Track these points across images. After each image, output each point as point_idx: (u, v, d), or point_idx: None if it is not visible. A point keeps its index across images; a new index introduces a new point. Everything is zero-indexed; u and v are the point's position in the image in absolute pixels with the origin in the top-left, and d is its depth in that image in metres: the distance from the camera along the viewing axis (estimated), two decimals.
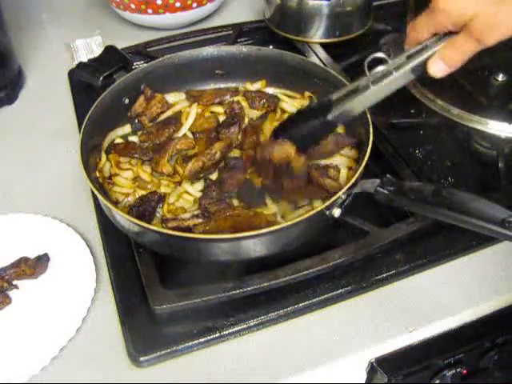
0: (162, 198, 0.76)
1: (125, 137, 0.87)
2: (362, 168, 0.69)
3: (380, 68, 0.67)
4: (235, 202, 0.75)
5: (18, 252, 0.74)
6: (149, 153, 0.82)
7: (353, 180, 0.68)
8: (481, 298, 0.70)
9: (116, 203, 0.75)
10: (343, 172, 0.78)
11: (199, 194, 0.76)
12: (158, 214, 0.74)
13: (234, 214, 0.71)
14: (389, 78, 0.66)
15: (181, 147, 0.82)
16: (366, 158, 0.70)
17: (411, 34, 0.67)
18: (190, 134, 0.87)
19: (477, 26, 0.61)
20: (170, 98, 0.92)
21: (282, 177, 0.73)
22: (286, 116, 0.87)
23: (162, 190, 0.77)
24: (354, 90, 0.69)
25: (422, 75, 0.66)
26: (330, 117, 0.69)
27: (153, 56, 1.04)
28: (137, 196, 0.76)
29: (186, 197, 0.76)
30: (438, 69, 0.65)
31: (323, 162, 0.79)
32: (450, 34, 0.64)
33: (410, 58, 0.66)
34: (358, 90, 0.68)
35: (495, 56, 0.97)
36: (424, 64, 0.65)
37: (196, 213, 0.74)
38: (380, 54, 0.67)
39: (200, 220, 0.71)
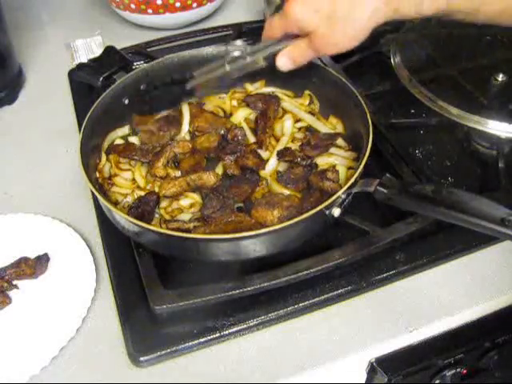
0: (159, 199, 0.75)
1: (125, 137, 0.87)
2: (361, 167, 0.69)
3: (237, 52, 0.79)
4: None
5: (18, 252, 0.74)
6: (148, 155, 0.81)
7: (352, 179, 0.68)
8: (481, 297, 0.70)
9: (115, 203, 0.75)
10: (342, 172, 0.78)
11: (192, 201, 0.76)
12: (156, 215, 0.74)
13: (236, 221, 0.71)
14: (242, 61, 0.79)
15: (178, 151, 0.82)
16: (365, 158, 0.70)
17: (267, 30, 0.76)
18: (187, 136, 0.87)
19: (316, 40, 0.71)
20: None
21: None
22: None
23: (157, 190, 0.77)
24: (213, 68, 0.81)
25: (270, 64, 0.77)
26: (188, 86, 0.84)
27: (153, 56, 1.04)
28: (135, 196, 0.76)
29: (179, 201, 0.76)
30: (283, 63, 0.76)
31: (320, 167, 0.80)
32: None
33: (265, 48, 0.77)
34: (216, 68, 0.81)
35: (495, 56, 0.97)
36: (272, 56, 0.76)
37: (197, 216, 0.74)
38: (239, 42, 0.83)
39: (201, 223, 0.71)
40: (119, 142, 0.86)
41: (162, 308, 0.64)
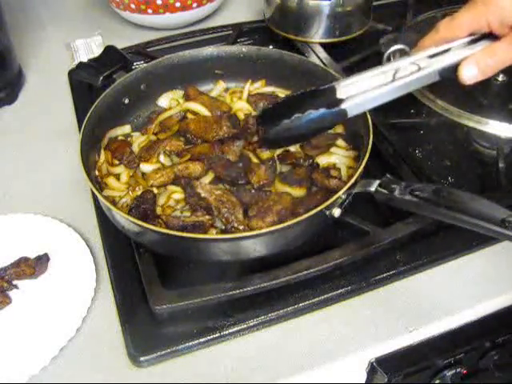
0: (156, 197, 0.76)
1: (127, 134, 0.87)
2: (361, 168, 0.69)
3: (402, 61, 0.61)
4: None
5: (18, 252, 0.74)
6: (134, 162, 0.81)
7: (353, 180, 0.68)
8: (481, 297, 0.70)
9: (113, 202, 0.75)
10: (343, 171, 0.78)
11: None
12: None
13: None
14: (414, 75, 0.61)
15: (170, 148, 0.82)
16: (365, 158, 0.70)
17: (445, 30, 0.62)
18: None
19: None
20: (169, 96, 0.92)
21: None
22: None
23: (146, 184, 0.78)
24: (371, 82, 0.63)
25: (447, 78, 0.62)
26: (343, 105, 0.61)
27: (153, 56, 1.04)
28: (130, 193, 0.76)
29: (174, 196, 0.76)
30: (470, 74, 0.61)
31: (322, 164, 0.80)
32: (482, 38, 0.61)
33: (433, 57, 0.62)
34: (379, 83, 0.63)
35: None
36: (452, 67, 0.61)
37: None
38: (401, 46, 0.63)
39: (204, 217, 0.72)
40: (121, 138, 0.86)
41: (162, 308, 0.64)
